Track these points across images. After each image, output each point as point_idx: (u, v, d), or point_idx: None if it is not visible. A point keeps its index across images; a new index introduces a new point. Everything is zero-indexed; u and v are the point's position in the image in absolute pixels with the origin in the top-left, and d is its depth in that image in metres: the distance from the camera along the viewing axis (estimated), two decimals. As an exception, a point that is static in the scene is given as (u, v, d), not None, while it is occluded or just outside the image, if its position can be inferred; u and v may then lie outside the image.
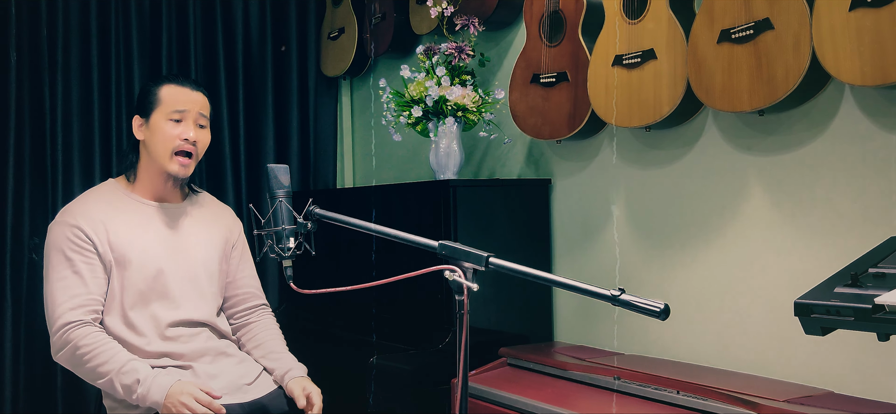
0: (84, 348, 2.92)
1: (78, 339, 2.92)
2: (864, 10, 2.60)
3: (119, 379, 2.88)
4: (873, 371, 2.86)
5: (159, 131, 3.09)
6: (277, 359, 3.28)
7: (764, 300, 3.20)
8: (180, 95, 3.13)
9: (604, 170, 3.83)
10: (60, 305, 2.96)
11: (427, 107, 4.04)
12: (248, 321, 3.42)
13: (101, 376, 2.91)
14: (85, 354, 2.91)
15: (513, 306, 3.96)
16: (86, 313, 2.97)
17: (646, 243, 3.64)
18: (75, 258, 3.00)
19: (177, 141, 3.09)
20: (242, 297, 3.43)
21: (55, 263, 3.01)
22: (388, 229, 2.30)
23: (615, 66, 3.41)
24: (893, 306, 1.86)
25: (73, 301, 2.96)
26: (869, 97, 2.86)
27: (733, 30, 3.00)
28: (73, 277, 2.99)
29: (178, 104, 3.11)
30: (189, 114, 3.12)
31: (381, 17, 4.87)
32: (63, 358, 2.98)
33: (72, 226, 3.03)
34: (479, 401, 3.37)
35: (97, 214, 3.08)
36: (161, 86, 3.15)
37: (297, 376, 3.18)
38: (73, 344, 2.92)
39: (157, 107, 3.11)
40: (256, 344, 3.36)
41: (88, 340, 2.93)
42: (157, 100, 3.12)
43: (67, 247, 3.01)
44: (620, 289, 1.90)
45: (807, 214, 3.06)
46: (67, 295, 2.97)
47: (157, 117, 3.10)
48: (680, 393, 2.89)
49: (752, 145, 3.23)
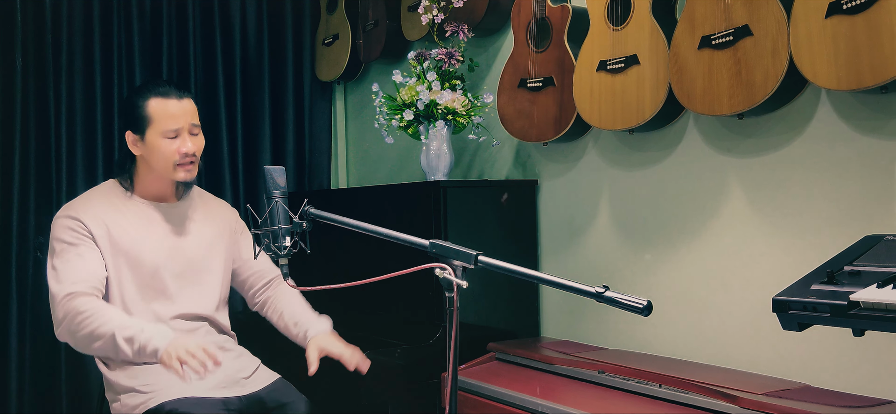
0: (85, 312, 2.86)
1: (79, 305, 2.88)
2: (840, 18, 2.60)
3: (121, 333, 2.82)
4: (848, 365, 2.86)
5: (157, 150, 3.05)
6: (297, 322, 3.26)
7: (743, 297, 3.20)
8: (170, 110, 3.05)
9: (588, 171, 3.82)
10: (62, 281, 2.92)
11: (418, 110, 4.03)
12: (266, 296, 3.42)
13: (100, 337, 2.84)
14: (86, 318, 2.85)
15: (501, 303, 3.95)
16: (87, 287, 2.93)
17: (629, 242, 3.64)
18: (77, 244, 2.98)
19: (176, 155, 3.06)
20: (258, 274, 3.42)
21: (57, 250, 2.99)
22: (381, 229, 2.30)
23: (600, 71, 3.41)
24: (868, 303, 1.86)
25: (75, 275, 2.93)
26: (844, 101, 2.86)
27: (714, 36, 2.99)
28: (75, 259, 2.96)
29: (170, 123, 3.04)
30: (182, 128, 3.07)
31: (373, 23, 4.86)
32: (64, 329, 2.90)
33: (73, 218, 3.02)
34: (469, 394, 3.37)
35: (98, 210, 3.07)
36: (148, 99, 3.06)
37: (314, 335, 3.16)
38: (75, 310, 2.87)
39: (150, 125, 3.04)
40: (278, 314, 3.35)
41: (89, 304, 2.88)
42: (147, 117, 3.04)
43: (68, 235, 2.99)
44: (604, 286, 1.89)
45: (784, 214, 3.06)
46: (69, 272, 2.93)
47: (151, 136, 3.05)
48: (662, 386, 2.89)
49: (731, 147, 3.23)
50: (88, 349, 2.91)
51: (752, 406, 2.57)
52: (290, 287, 3.31)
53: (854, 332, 1.91)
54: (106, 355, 2.97)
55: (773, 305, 2.04)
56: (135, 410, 2.92)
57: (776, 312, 2.04)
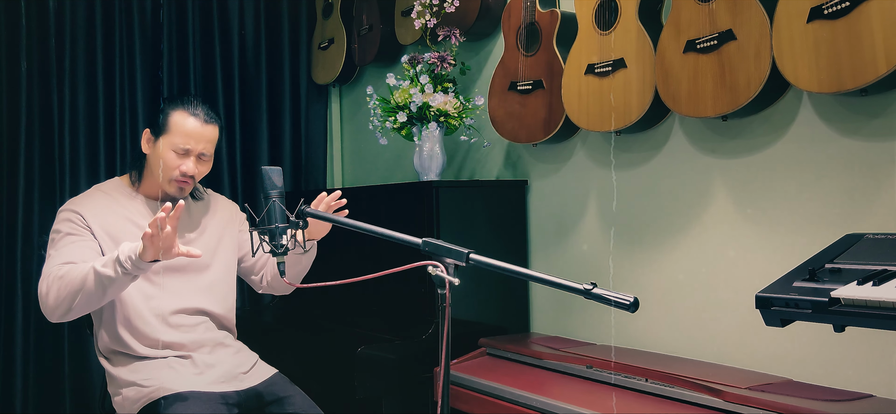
0: (65, 270, 2.78)
1: (59, 271, 2.80)
2: (821, 23, 2.60)
3: (100, 266, 2.72)
4: (829, 360, 2.85)
5: (161, 158, 3.03)
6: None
7: (727, 293, 3.19)
8: (190, 130, 3.02)
9: (577, 171, 3.82)
10: (53, 263, 2.86)
11: (411, 112, 4.03)
12: (267, 268, 3.36)
13: (83, 281, 2.73)
14: (67, 274, 2.77)
15: (492, 299, 3.95)
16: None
17: (617, 240, 3.63)
18: (73, 234, 2.94)
19: (175, 172, 3.04)
20: (261, 258, 3.38)
21: (55, 240, 2.95)
22: (375, 227, 2.29)
23: (588, 74, 3.40)
24: (849, 299, 1.86)
25: (67, 259, 2.86)
26: (825, 104, 2.86)
27: (698, 40, 2.99)
28: (69, 246, 2.91)
29: (185, 142, 3.01)
30: (193, 150, 3.04)
31: (368, 28, 4.86)
32: (51, 300, 2.78)
33: (73, 211, 3.00)
34: (461, 388, 3.36)
35: (99, 206, 3.05)
36: (175, 110, 3.04)
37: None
38: (55, 276, 2.78)
39: (166, 132, 3.02)
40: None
41: (67, 268, 2.80)
42: (166, 125, 3.02)
43: (66, 226, 2.96)
44: (592, 283, 1.89)
45: (767, 213, 3.05)
46: (61, 256, 2.88)
47: (163, 142, 3.03)
48: (648, 380, 2.89)
49: (716, 148, 3.23)
50: (77, 302, 2.78)
51: (735, 400, 2.57)
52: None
53: (835, 328, 1.91)
54: (95, 298, 2.81)
55: (757, 302, 2.04)
56: (136, 403, 2.91)
57: (759, 309, 2.03)
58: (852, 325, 1.87)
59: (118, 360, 3.04)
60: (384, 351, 3.58)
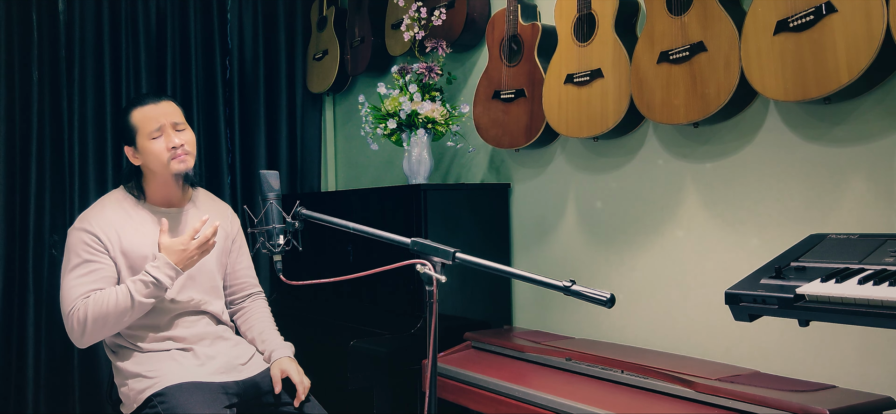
0: (95, 309, 2.85)
1: (90, 299, 2.87)
2: (787, 35, 2.59)
3: (140, 296, 2.86)
4: (795, 353, 2.85)
5: (149, 152, 3.03)
6: (264, 341, 3.25)
7: (698, 290, 3.19)
8: (150, 114, 3.04)
9: (557, 175, 3.81)
10: (74, 297, 2.89)
11: (401, 120, 4.01)
12: (242, 307, 3.40)
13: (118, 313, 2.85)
14: (99, 308, 2.85)
15: (477, 296, 3.93)
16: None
17: (594, 240, 3.63)
18: (90, 260, 2.95)
19: (166, 153, 3.03)
20: (240, 286, 3.40)
21: (73, 263, 2.95)
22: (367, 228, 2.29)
23: (567, 83, 3.39)
24: (813, 296, 1.86)
25: (86, 290, 2.91)
26: (791, 111, 2.85)
27: (671, 52, 2.98)
28: (87, 275, 2.93)
29: (151, 124, 3.02)
30: (164, 126, 3.04)
31: (360, 40, 4.85)
32: (80, 324, 2.87)
33: (88, 232, 2.98)
34: (447, 380, 3.35)
35: (111, 220, 3.03)
36: (131, 112, 3.07)
37: (278, 358, 3.14)
38: (86, 304, 2.87)
39: (137, 132, 3.04)
40: (248, 327, 3.34)
41: (97, 294, 2.88)
42: (134, 127, 3.04)
43: (83, 250, 2.95)
44: (571, 280, 1.88)
45: (736, 214, 3.05)
46: (80, 287, 2.90)
47: (141, 142, 3.03)
48: (624, 372, 2.88)
49: (687, 153, 3.22)
50: (110, 330, 2.92)
51: (706, 390, 2.56)
52: (263, 307, 3.42)
53: (800, 322, 1.92)
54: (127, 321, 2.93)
55: (726, 298, 2.03)
56: (141, 393, 2.90)
57: (729, 305, 2.03)
58: (816, 319, 1.87)
59: (124, 353, 3.04)
60: (375, 345, 3.57)
